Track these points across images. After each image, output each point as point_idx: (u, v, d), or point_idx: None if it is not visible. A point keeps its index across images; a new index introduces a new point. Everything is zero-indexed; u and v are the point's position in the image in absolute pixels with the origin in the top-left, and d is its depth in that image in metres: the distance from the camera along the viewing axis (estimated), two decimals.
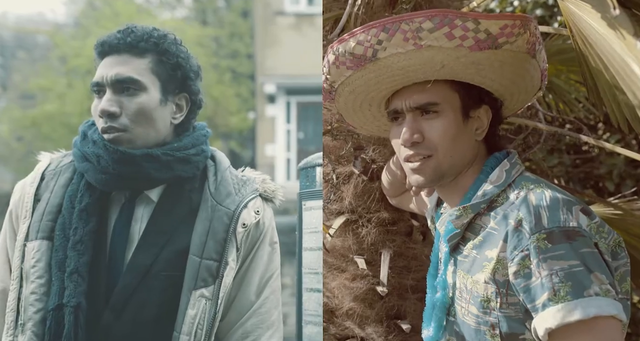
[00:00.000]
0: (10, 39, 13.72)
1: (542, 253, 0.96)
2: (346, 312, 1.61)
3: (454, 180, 1.13)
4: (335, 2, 1.60)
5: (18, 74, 12.60)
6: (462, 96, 1.09)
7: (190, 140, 1.25)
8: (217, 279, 1.17)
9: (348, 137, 1.62)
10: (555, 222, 0.98)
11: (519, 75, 1.10)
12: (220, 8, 13.74)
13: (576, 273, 0.94)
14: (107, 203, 1.20)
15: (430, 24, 1.01)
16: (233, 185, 1.26)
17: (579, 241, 0.97)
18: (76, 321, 1.11)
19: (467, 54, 1.03)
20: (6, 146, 12.10)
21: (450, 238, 1.12)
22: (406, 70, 1.07)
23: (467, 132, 1.10)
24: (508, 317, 1.02)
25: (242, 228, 1.21)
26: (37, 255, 1.15)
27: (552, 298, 0.94)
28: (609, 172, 2.63)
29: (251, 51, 12.72)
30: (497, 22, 1.02)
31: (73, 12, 13.65)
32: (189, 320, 1.14)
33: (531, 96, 1.18)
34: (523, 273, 0.98)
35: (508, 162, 1.10)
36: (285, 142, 12.00)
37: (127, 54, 1.18)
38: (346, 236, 1.63)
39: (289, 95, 12.03)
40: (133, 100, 1.17)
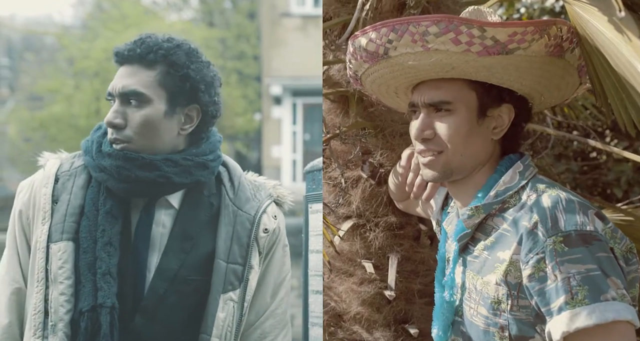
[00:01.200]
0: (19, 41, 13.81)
1: (558, 256, 0.96)
2: (354, 316, 1.61)
3: (466, 178, 1.12)
4: (344, 8, 1.60)
5: (26, 76, 12.69)
6: (480, 95, 1.09)
7: (208, 147, 1.27)
8: (242, 282, 1.21)
9: (356, 141, 1.63)
10: (572, 225, 0.97)
11: (542, 77, 1.09)
12: (226, 9, 13.78)
13: (593, 277, 0.94)
14: (128, 206, 1.22)
15: (436, 29, 1.02)
16: (250, 191, 1.30)
17: (595, 245, 0.96)
18: (112, 321, 1.13)
19: (476, 58, 1.03)
20: (14, 147, 12.17)
21: (461, 238, 1.12)
22: (417, 68, 1.08)
23: (482, 130, 1.09)
24: (518, 320, 1.02)
25: (265, 233, 1.26)
26: (64, 256, 1.17)
27: (569, 301, 0.94)
28: (617, 178, 2.62)
29: (257, 52, 12.75)
30: (504, 30, 1.02)
31: (81, 14, 13.73)
32: (219, 323, 1.18)
33: (572, 91, 1.17)
34: (538, 276, 0.98)
35: (522, 164, 1.10)
36: (291, 144, 12.02)
37: (137, 65, 1.20)
38: (354, 240, 1.63)
39: (295, 96, 12.05)
40: (137, 113, 1.19)
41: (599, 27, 1.05)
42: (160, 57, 1.19)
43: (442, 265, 1.20)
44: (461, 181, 1.13)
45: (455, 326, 1.13)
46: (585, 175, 2.73)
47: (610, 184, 2.67)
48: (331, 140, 1.62)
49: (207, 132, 1.29)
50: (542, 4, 2.85)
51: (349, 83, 1.61)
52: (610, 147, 1.51)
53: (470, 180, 1.12)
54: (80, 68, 11.08)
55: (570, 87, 1.16)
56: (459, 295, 1.12)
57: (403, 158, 1.32)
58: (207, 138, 1.29)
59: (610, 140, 2.63)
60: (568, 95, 1.19)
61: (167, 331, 1.17)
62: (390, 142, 1.61)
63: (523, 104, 1.12)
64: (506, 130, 1.11)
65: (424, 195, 1.28)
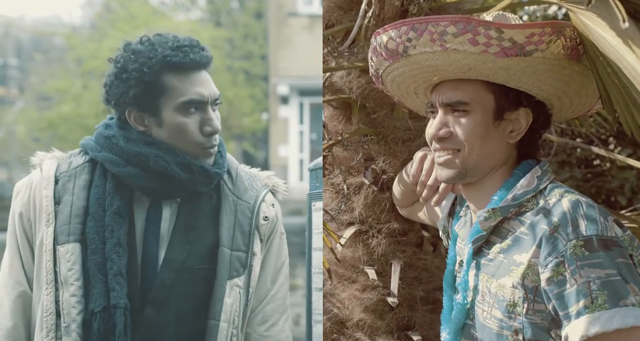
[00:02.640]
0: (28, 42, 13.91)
1: (579, 260, 0.96)
2: (356, 323, 1.61)
3: (481, 181, 1.12)
4: (346, 15, 1.60)
5: (35, 76, 12.79)
6: (497, 97, 1.09)
7: (224, 152, 1.31)
8: (247, 269, 1.25)
9: (358, 148, 1.63)
10: (593, 230, 0.97)
11: (561, 81, 1.08)
12: (234, 9, 13.81)
13: (613, 283, 0.94)
14: (133, 206, 1.24)
15: (454, 29, 1.03)
16: (247, 180, 1.33)
17: (615, 251, 0.96)
18: (126, 321, 1.15)
19: (494, 59, 1.03)
20: (23, 147, 12.26)
21: (476, 240, 1.11)
22: (436, 68, 1.09)
23: (498, 133, 1.09)
24: (533, 324, 1.01)
25: (265, 221, 1.29)
26: (72, 258, 1.18)
27: (589, 305, 0.94)
28: (621, 185, 2.61)
29: (265, 52, 12.77)
30: (522, 31, 1.02)
31: (89, 14, 13.81)
32: (227, 308, 1.21)
33: (592, 101, 1.16)
34: (557, 280, 0.97)
35: (540, 169, 1.10)
36: (298, 143, 12.04)
37: (205, 70, 1.26)
38: (356, 246, 1.64)
39: (302, 96, 12.06)
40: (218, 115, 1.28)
41: (603, 35, 1.05)
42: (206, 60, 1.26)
43: (451, 268, 1.20)
44: (476, 184, 1.13)
45: (466, 329, 1.12)
46: (588, 182, 2.71)
47: (614, 191, 2.65)
48: (333, 146, 1.62)
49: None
50: (544, 11, 2.84)
51: (352, 89, 1.62)
52: (613, 154, 1.50)
53: (485, 183, 1.12)
54: (88, 68, 11.14)
55: (590, 96, 1.14)
56: (471, 297, 1.12)
57: (415, 160, 1.31)
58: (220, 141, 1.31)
59: (614, 147, 2.62)
60: (589, 105, 1.18)
61: (176, 320, 1.19)
62: (392, 148, 1.60)
63: (542, 110, 1.12)
64: (523, 135, 1.11)
65: (434, 199, 1.26)
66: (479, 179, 1.12)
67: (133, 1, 12.35)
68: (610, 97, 1.06)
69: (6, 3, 21.39)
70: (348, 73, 1.62)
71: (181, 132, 1.22)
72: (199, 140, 1.23)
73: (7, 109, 13.07)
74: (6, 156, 12.72)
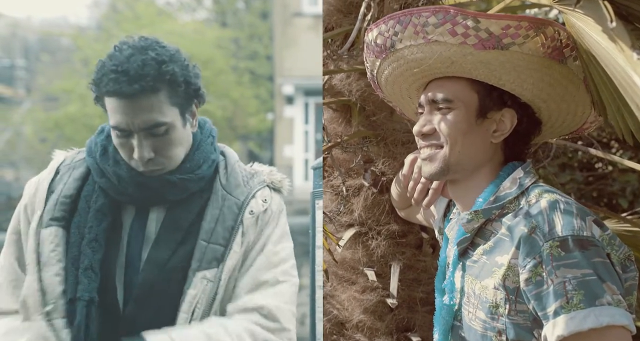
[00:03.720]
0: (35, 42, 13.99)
1: (555, 261, 0.96)
2: (356, 324, 1.62)
3: (466, 181, 1.13)
4: (346, 18, 1.61)
5: (42, 77, 12.85)
6: (481, 96, 1.10)
7: (200, 156, 1.28)
8: (221, 263, 1.22)
9: (358, 150, 1.64)
10: (569, 230, 0.98)
11: (542, 81, 1.08)
12: (239, 10, 13.83)
13: (589, 282, 0.95)
14: (120, 205, 1.25)
15: (434, 19, 1.05)
16: (242, 177, 1.31)
17: (592, 250, 0.97)
18: (88, 314, 1.16)
19: (473, 52, 1.04)
20: (30, 147, 12.34)
21: (460, 242, 1.12)
22: (420, 63, 1.10)
23: (480, 131, 1.10)
24: (516, 324, 1.02)
25: (250, 215, 1.26)
26: (55, 240, 1.21)
27: (565, 305, 0.95)
28: (622, 189, 2.60)
29: (270, 52, 12.78)
30: (498, 22, 1.02)
31: (96, 15, 13.88)
32: (188, 299, 1.19)
33: (584, 108, 1.15)
34: (535, 281, 0.98)
35: (522, 170, 1.10)
36: (304, 143, 12.04)
37: (140, 96, 1.16)
38: (356, 248, 1.64)
39: (307, 96, 12.07)
40: (166, 140, 1.20)
41: (595, 37, 1.06)
42: (165, 81, 1.17)
43: (442, 270, 1.21)
44: (462, 183, 1.14)
45: (455, 330, 1.13)
46: (590, 185, 2.70)
47: (615, 195, 2.64)
48: (332, 148, 1.63)
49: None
50: (545, 15, 2.83)
51: (351, 92, 1.63)
52: (612, 156, 1.50)
53: (470, 183, 1.13)
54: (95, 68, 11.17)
55: (579, 104, 1.14)
56: (458, 299, 1.13)
57: (406, 163, 1.33)
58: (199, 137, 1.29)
59: (616, 151, 2.61)
60: (580, 117, 1.16)
61: (158, 317, 1.20)
62: (392, 150, 1.61)
63: (526, 112, 1.12)
64: (507, 136, 1.11)
65: (424, 201, 1.28)
66: (464, 178, 1.13)
67: (139, 2, 12.39)
68: (603, 99, 1.07)
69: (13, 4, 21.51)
70: (348, 76, 1.63)
71: (122, 153, 1.23)
72: (134, 164, 1.22)
73: (14, 109, 13.15)
74: (13, 156, 12.80)
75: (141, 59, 1.16)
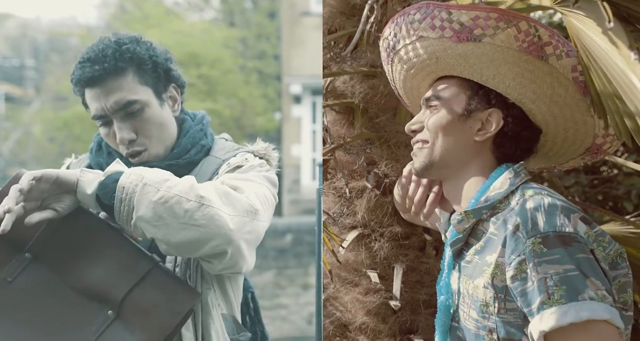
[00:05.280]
0: (44, 43, 14.09)
1: (537, 257, 0.97)
2: (359, 327, 1.62)
3: (456, 181, 1.14)
4: (349, 20, 1.61)
5: (51, 76, 12.94)
6: (469, 95, 1.12)
7: (188, 141, 1.29)
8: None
9: (361, 152, 1.63)
10: (552, 227, 0.98)
11: (524, 77, 1.07)
12: (247, 9, 13.86)
13: (571, 278, 0.95)
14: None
15: (419, 15, 1.09)
16: (231, 147, 1.34)
17: (574, 246, 0.97)
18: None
19: (452, 45, 1.07)
20: (39, 147, 12.44)
21: (453, 243, 1.13)
22: (413, 62, 1.14)
23: (464, 129, 1.11)
24: (506, 322, 1.02)
25: (226, 166, 1.26)
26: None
27: (546, 301, 0.95)
28: (628, 192, 2.57)
29: (277, 52, 12.80)
30: (467, 13, 1.05)
31: (104, 15, 13.95)
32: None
33: (581, 114, 1.12)
34: (520, 278, 0.99)
35: (513, 170, 1.11)
36: (311, 142, 12.05)
37: (109, 79, 1.20)
38: (359, 250, 1.64)
39: (315, 95, 12.07)
40: (142, 120, 1.23)
41: (594, 38, 1.05)
42: (125, 61, 1.21)
43: (443, 272, 1.22)
44: (452, 183, 1.15)
45: (453, 331, 1.14)
46: (595, 188, 2.68)
47: (620, 198, 2.62)
48: (336, 150, 1.63)
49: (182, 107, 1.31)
50: (550, 18, 2.81)
51: (354, 94, 1.63)
52: (616, 158, 1.49)
53: (460, 183, 1.14)
54: None
55: (573, 108, 1.11)
56: (456, 300, 1.13)
57: (405, 172, 1.33)
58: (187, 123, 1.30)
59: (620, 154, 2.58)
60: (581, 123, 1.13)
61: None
62: (395, 152, 1.61)
63: (514, 113, 1.11)
64: (496, 137, 1.12)
65: (423, 212, 1.29)
66: (452, 176, 1.15)
67: (147, 2, 12.45)
68: (602, 101, 1.06)
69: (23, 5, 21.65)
70: (351, 78, 1.63)
71: (109, 143, 1.26)
72: (122, 150, 1.24)
73: (24, 109, 13.25)
74: (23, 155, 12.90)
75: (102, 44, 1.22)
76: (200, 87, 11.16)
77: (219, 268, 1.11)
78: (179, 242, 1.02)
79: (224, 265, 1.10)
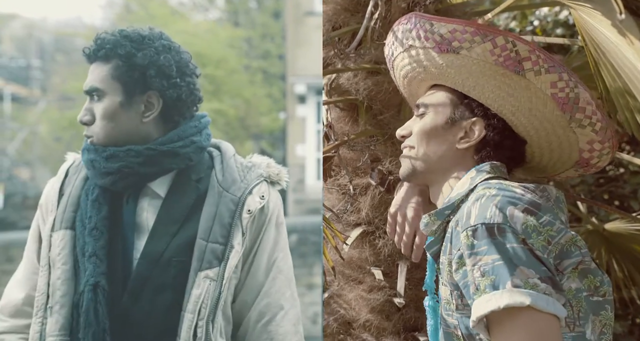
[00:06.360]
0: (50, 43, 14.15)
1: (468, 250, 0.98)
2: (363, 324, 1.62)
3: (438, 186, 1.15)
4: (353, 17, 1.61)
5: (57, 77, 12.99)
6: (454, 104, 1.14)
7: (176, 133, 1.28)
8: (223, 261, 1.23)
9: (365, 149, 1.63)
10: (481, 219, 0.99)
11: (504, 91, 1.09)
12: (251, 9, 13.87)
13: (497, 267, 0.95)
14: (116, 194, 1.27)
15: (409, 25, 1.14)
16: (238, 172, 1.31)
17: (503, 236, 0.97)
18: (95, 298, 1.18)
19: (435, 55, 1.11)
20: (45, 146, 12.49)
21: (428, 246, 1.14)
22: (406, 69, 1.18)
23: (447, 136, 1.13)
24: (466, 318, 1.03)
25: (247, 214, 1.26)
26: (62, 243, 1.24)
27: (475, 292, 0.96)
28: (634, 191, 2.56)
29: (282, 52, 12.80)
30: (446, 26, 1.09)
31: (110, 15, 13.99)
32: (193, 299, 1.20)
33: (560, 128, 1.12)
34: (461, 271, 1.00)
35: (475, 170, 1.11)
36: (316, 142, 12.04)
37: (97, 63, 1.26)
38: (363, 247, 1.64)
39: (319, 95, 12.06)
40: (98, 107, 1.25)
41: (604, 32, 1.05)
42: (109, 51, 1.24)
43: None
44: (435, 189, 1.17)
45: (444, 336, 1.14)
46: (601, 187, 2.67)
47: (627, 197, 2.61)
48: (339, 147, 1.63)
49: (181, 116, 1.29)
50: (555, 16, 2.80)
51: (358, 91, 1.63)
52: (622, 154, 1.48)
53: (441, 189, 1.15)
54: None
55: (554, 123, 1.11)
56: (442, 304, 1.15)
57: (390, 211, 1.30)
58: (178, 124, 1.30)
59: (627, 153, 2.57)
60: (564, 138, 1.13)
61: (152, 312, 1.20)
62: (399, 149, 1.59)
63: (494, 123, 1.12)
64: (478, 145, 1.12)
65: (412, 256, 1.26)
66: (436, 182, 1.16)
67: (152, 2, 12.48)
68: (611, 95, 1.05)
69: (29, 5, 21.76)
70: (355, 75, 1.62)
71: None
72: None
73: (30, 109, 13.31)
74: (29, 155, 12.96)
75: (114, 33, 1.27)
76: (206, 87, 11.17)
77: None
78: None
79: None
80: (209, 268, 1.22)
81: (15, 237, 8.55)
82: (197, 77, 1.32)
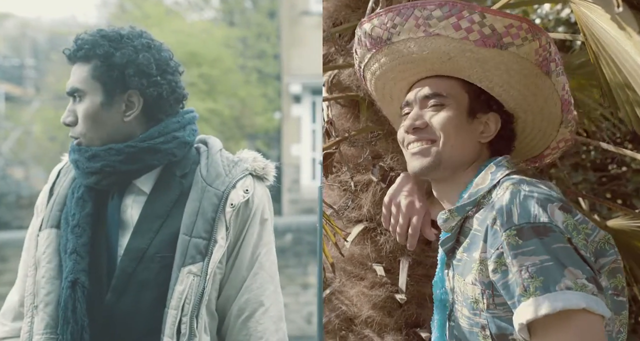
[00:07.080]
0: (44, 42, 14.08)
1: (512, 250, 0.96)
2: (365, 320, 1.62)
3: (451, 179, 1.13)
4: (354, 13, 1.61)
5: (51, 76, 12.92)
6: (471, 97, 1.11)
7: (157, 129, 1.27)
8: (206, 257, 1.22)
9: (366, 145, 1.63)
10: (525, 218, 0.98)
11: (529, 90, 1.10)
12: (247, 9, 13.85)
13: (547, 268, 0.94)
14: (101, 191, 1.27)
15: (439, 12, 1.05)
16: (223, 167, 1.29)
17: (550, 236, 0.96)
18: (74, 295, 1.18)
19: (473, 48, 1.05)
20: (40, 146, 12.42)
21: (443, 243, 1.12)
22: (415, 57, 1.10)
23: (470, 130, 1.11)
24: (497, 317, 1.02)
25: (230, 208, 1.25)
26: (47, 242, 1.25)
27: (523, 293, 0.94)
28: (636, 189, 2.57)
29: (277, 51, 12.79)
30: (502, 20, 1.04)
31: (104, 14, 13.94)
32: (177, 295, 1.19)
33: (553, 127, 1.16)
34: (500, 271, 0.98)
35: (495, 165, 1.11)
36: (311, 142, 12.04)
37: (78, 63, 1.25)
38: (365, 244, 1.64)
39: (315, 95, 12.06)
40: (80, 108, 1.25)
41: (604, 26, 1.06)
42: (88, 51, 1.23)
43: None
44: (445, 181, 1.14)
45: (450, 330, 1.14)
46: (603, 186, 2.67)
47: (629, 195, 2.61)
48: (341, 144, 1.63)
49: (164, 114, 1.28)
50: (557, 14, 2.81)
51: (359, 87, 1.62)
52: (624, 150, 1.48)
53: (454, 181, 1.13)
54: None
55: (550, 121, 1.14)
56: (451, 299, 1.13)
57: (385, 201, 1.29)
58: (161, 121, 1.29)
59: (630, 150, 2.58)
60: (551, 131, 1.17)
61: (136, 308, 1.20)
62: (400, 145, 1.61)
63: (508, 120, 1.14)
64: (494, 140, 1.13)
65: (408, 244, 1.26)
66: (450, 176, 1.13)
67: (147, 1, 12.44)
68: (612, 89, 1.06)
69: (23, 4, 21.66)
70: (356, 71, 1.62)
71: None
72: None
73: (24, 108, 13.24)
74: (23, 155, 12.89)
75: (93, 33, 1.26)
76: (201, 86, 11.15)
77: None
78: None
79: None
80: (192, 263, 1.20)
81: (9, 236, 8.51)
82: (180, 75, 1.30)
